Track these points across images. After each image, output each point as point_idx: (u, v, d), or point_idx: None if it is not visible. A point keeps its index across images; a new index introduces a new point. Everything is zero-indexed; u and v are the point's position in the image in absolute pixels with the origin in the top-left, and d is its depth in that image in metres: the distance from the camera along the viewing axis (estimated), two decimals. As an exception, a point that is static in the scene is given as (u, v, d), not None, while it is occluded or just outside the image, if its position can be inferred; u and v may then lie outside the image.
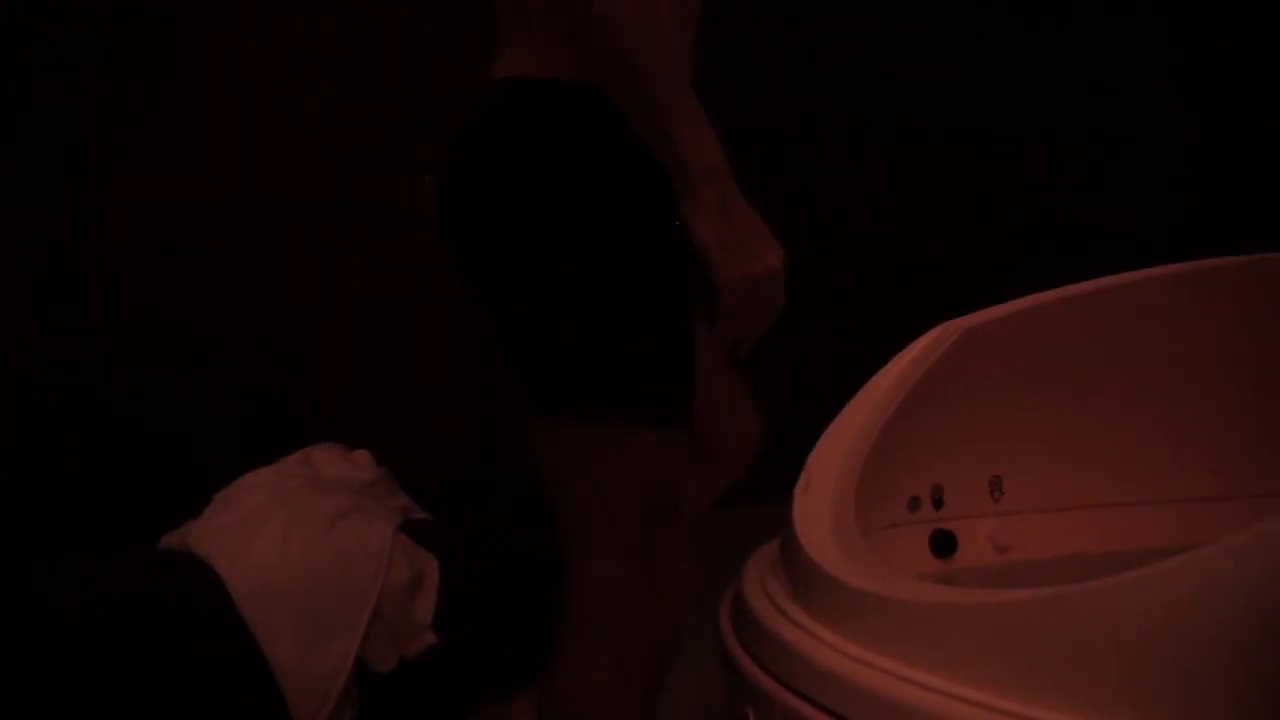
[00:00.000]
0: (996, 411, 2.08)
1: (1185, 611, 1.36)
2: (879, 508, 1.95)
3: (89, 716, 2.27)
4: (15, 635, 2.24)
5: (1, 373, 2.73)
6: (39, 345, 2.81)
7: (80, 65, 2.87)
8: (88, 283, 2.89)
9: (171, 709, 2.32)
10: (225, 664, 2.34)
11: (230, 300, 2.98)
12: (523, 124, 1.59)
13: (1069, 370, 2.13)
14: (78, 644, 2.28)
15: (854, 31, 3.30)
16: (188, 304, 2.95)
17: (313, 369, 3.05)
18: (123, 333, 2.88)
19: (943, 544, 2.06)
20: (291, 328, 3.03)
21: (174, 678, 2.32)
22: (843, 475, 1.88)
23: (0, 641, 2.22)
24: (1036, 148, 3.41)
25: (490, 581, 2.46)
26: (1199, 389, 2.19)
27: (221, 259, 2.98)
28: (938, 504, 2.08)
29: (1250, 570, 1.33)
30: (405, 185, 2.97)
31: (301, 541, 2.39)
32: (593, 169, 1.56)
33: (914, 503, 2.06)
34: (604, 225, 1.56)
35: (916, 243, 3.33)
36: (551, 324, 1.58)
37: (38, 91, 2.84)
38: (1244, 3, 3.34)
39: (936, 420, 2.03)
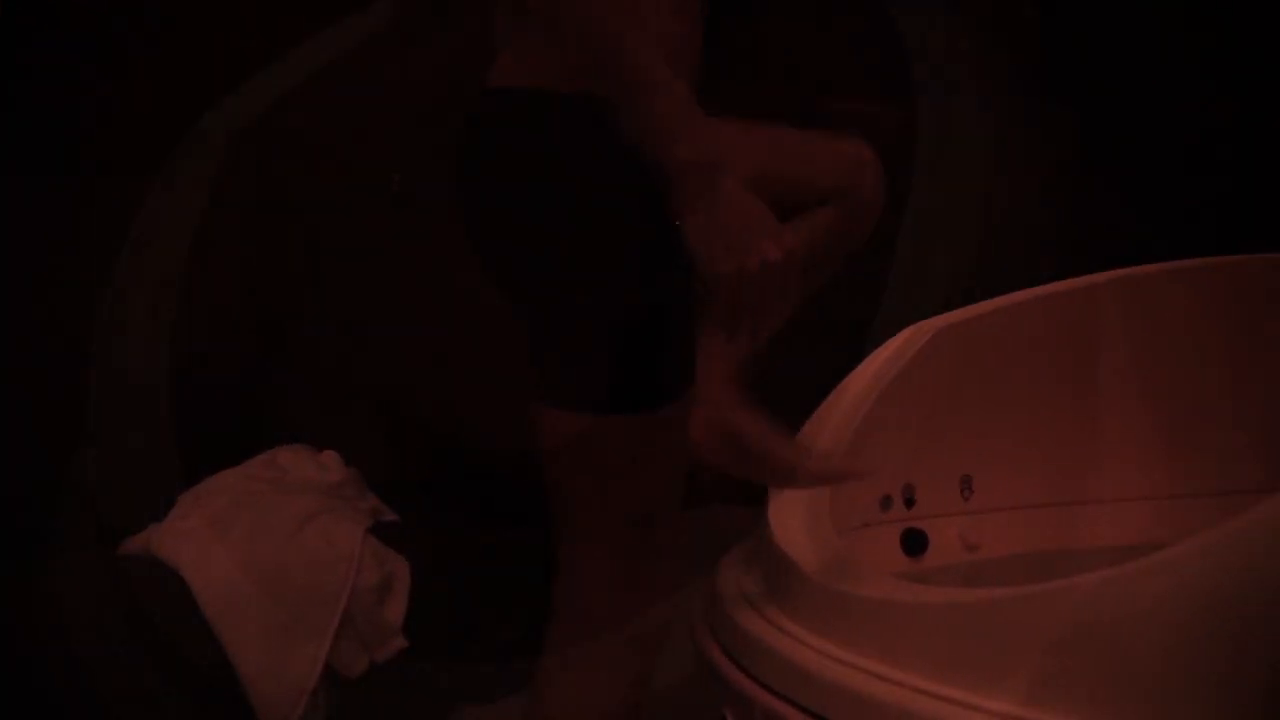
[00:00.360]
0: (967, 411, 2.09)
1: (1159, 609, 1.37)
2: (852, 507, 1.96)
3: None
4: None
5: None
6: (37, 345, 2.82)
7: (80, 65, 2.89)
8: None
9: (136, 715, 2.32)
10: (191, 670, 2.34)
11: (228, 300, 3.00)
12: (519, 127, 1.60)
13: (1040, 369, 2.14)
14: (43, 649, 2.29)
15: (853, 30, 3.29)
16: (186, 304, 2.96)
17: (309, 367, 3.06)
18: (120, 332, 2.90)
19: (914, 543, 2.07)
20: (290, 326, 3.04)
21: (138, 683, 2.32)
22: (817, 473, 1.88)
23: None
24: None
25: (463, 583, 2.46)
26: (1170, 387, 2.20)
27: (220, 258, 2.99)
28: (909, 503, 2.08)
29: (1223, 567, 1.34)
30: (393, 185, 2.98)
31: (268, 545, 2.38)
32: (588, 171, 1.56)
33: (886, 502, 2.07)
34: (601, 226, 1.57)
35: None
36: (553, 324, 1.59)
37: (38, 91, 2.85)
38: (1244, 3, 3.32)
39: (908, 419, 2.03)
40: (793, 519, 1.80)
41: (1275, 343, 2.27)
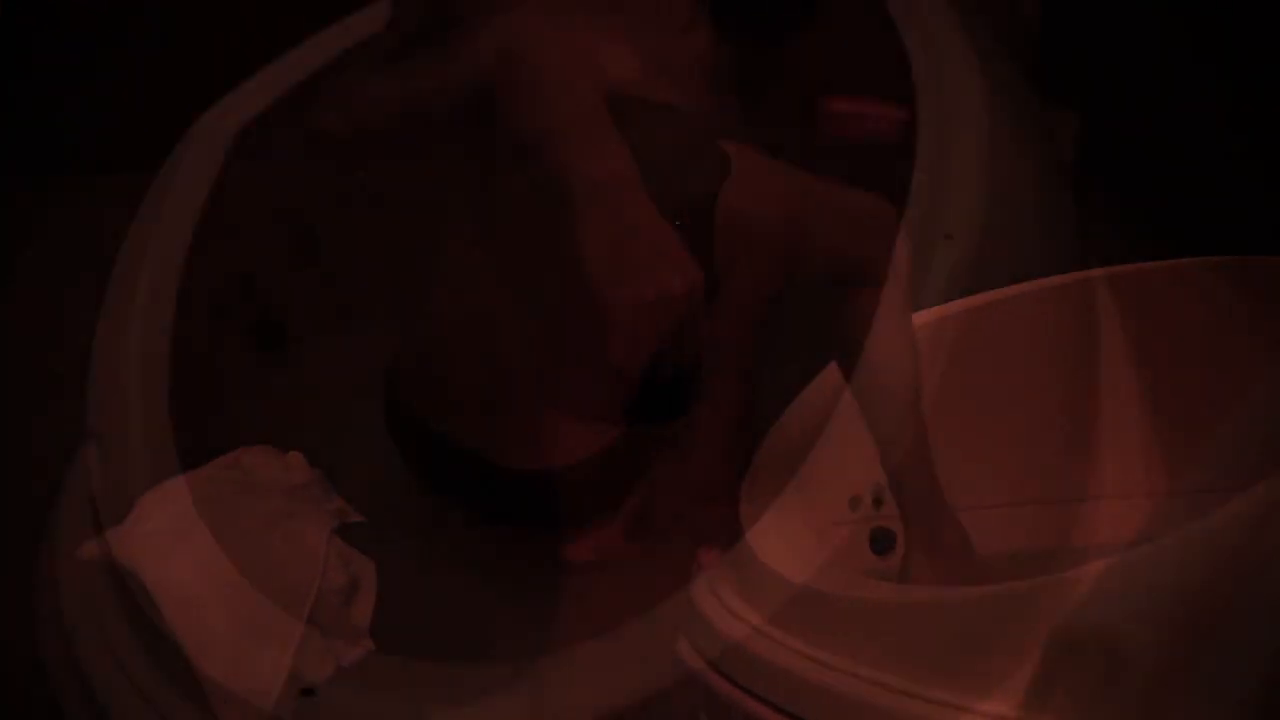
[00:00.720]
0: (936, 410, 2.08)
1: (1137, 607, 1.36)
2: (822, 506, 1.96)
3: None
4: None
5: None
6: (36, 345, 2.83)
7: (80, 65, 2.90)
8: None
9: (137, 715, 2.31)
10: (189, 670, 2.33)
11: (228, 299, 3.00)
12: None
13: (1010, 369, 2.14)
14: (43, 649, 2.29)
15: (853, 30, 3.28)
16: (186, 303, 2.97)
17: (308, 366, 3.06)
18: (119, 331, 2.90)
19: (882, 541, 2.07)
20: (289, 325, 3.05)
21: (139, 683, 2.32)
22: (787, 474, 1.88)
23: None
24: (1038, 147, 3.38)
25: (437, 583, 2.45)
26: (1143, 387, 2.19)
27: (220, 258, 3.00)
28: (877, 503, 2.08)
29: (1198, 565, 1.33)
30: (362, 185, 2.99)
31: (232, 548, 2.36)
32: None
33: (854, 501, 2.07)
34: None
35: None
36: (565, 329, 1.60)
37: (38, 91, 2.86)
38: (1245, 4, 3.31)
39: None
40: (764, 518, 1.80)
41: (1275, 343, 2.26)
